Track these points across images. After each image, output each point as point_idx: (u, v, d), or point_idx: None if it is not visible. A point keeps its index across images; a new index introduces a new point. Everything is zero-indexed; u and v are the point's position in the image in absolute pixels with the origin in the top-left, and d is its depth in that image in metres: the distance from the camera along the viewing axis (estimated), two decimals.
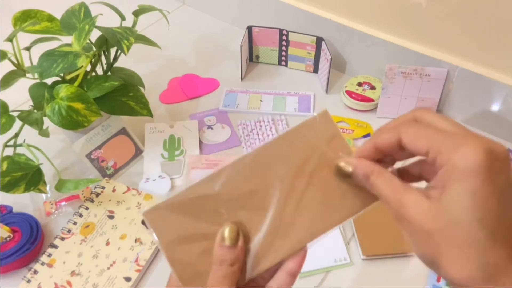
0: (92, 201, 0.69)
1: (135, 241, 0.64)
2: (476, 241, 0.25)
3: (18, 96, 0.79)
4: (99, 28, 0.64)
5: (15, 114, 0.63)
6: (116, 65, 0.74)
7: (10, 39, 0.64)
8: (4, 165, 0.59)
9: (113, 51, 0.72)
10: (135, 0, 0.78)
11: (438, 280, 0.59)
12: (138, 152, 0.77)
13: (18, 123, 0.63)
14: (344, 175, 0.33)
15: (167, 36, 0.94)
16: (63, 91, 0.61)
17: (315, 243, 0.34)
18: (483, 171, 0.25)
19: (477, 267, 0.25)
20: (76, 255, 0.63)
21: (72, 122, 0.61)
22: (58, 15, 0.70)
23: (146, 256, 0.62)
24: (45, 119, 0.63)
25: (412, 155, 0.31)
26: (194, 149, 0.78)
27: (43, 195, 0.71)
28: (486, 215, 0.25)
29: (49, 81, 0.65)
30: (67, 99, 0.60)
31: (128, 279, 0.60)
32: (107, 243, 0.64)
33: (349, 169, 0.33)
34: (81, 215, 0.67)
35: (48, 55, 0.61)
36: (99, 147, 0.73)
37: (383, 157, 0.33)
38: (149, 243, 0.64)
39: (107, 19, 0.69)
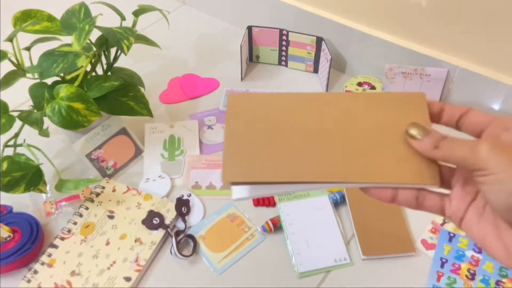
0: (92, 201, 0.69)
1: (135, 241, 0.64)
2: None
3: (18, 96, 0.79)
4: (99, 28, 0.64)
5: (15, 114, 0.63)
6: (116, 65, 0.74)
7: (10, 39, 0.64)
8: (4, 165, 0.59)
9: (113, 51, 0.73)
10: (135, 0, 0.78)
11: (438, 280, 0.59)
12: (138, 152, 0.77)
13: (18, 123, 0.63)
14: (414, 137, 0.33)
15: (167, 36, 0.94)
16: (63, 91, 0.61)
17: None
18: None
19: None
20: (76, 255, 0.63)
21: (72, 122, 0.61)
22: (58, 15, 0.70)
23: (146, 256, 0.62)
24: (45, 119, 0.63)
25: None
26: (194, 149, 0.78)
27: (43, 195, 0.71)
28: None
29: (49, 81, 0.65)
30: (67, 99, 0.60)
31: (128, 279, 0.60)
32: (107, 243, 0.64)
33: (425, 130, 0.32)
34: (81, 215, 0.67)
35: (48, 55, 0.61)
36: (99, 147, 0.73)
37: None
38: (149, 243, 0.64)
39: (107, 19, 0.69)
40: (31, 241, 0.63)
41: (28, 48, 0.69)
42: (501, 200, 0.28)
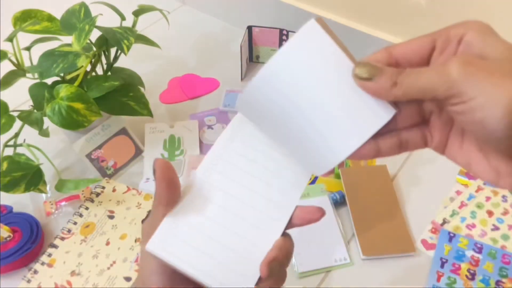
0: (92, 201, 0.69)
1: (135, 241, 0.64)
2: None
3: (18, 96, 0.79)
4: (99, 28, 0.64)
5: (15, 114, 0.63)
6: (116, 65, 0.74)
7: (10, 39, 0.64)
8: (4, 165, 0.59)
9: (113, 51, 0.72)
10: (135, 0, 0.78)
11: (438, 280, 0.59)
12: (138, 152, 0.77)
13: (18, 123, 0.63)
14: (365, 79, 0.27)
15: (167, 36, 0.94)
16: (63, 91, 0.61)
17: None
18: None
19: None
20: (76, 255, 0.63)
21: (72, 122, 0.61)
22: (58, 15, 0.70)
23: None
24: (45, 119, 0.63)
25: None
26: (194, 149, 0.78)
27: (43, 195, 0.71)
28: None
29: (49, 81, 0.65)
30: (67, 99, 0.60)
31: (128, 279, 0.60)
32: (107, 243, 0.64)
33: (375, 67, 0.27)
34: (81, 215, 0.67)
35: (48, 55, 0.61)
36: (99, 147, 0.73)
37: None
38: None
39: (107, 19, 0.69)
40: (31, 241, 0.63)
41: (28, 48, 0.69)
42: (486, 130, 0.24)
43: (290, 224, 0.32)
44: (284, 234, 0.32)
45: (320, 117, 0.28)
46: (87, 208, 0.68)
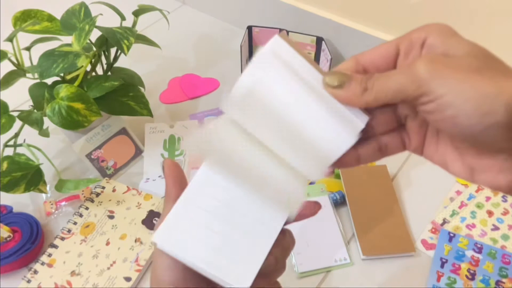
0: (92, 201, 0.69)
1: (135, 241, 0.64)
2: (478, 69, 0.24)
3: (18, 96, 0.79)
4: (99, 28, 0.64)
5: (15, 114, 0.63)
6: (116, 65, 0.74)
7: (10, 39, 0.64)
8: (4, 165, 0.59)
9: (113, 51, 0.72)
10: (135, 0, 0.78)
11: (438, 280, 0.59)
12: (138, 152, 0.77)
13: (18, 123, 0.63)
14: (336, 87, 0.28)
15: (167, 36, 0.94)
16: (63, 91, 0.61)
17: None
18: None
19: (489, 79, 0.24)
20: (76, 255, 0.63)
21: (72, 122, 0.61)
22: (58, 15, 0.70)
23: (146, 256, 0.62)
24: (45, 119, 0.63)
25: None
26: None
27: (43, 195, 0.71)
28: (475, 52, 0.26)
29: (49, 81, 0.65)
30: (67, 99, 0.60)
31: (128, 279, 0.60)
32: (107, 243, 0.64)
33: (345, 75, 0.27)
34: (81, 215, 0.67)
35: (48, 55, 0.61)
36: (99, 147, 0.73)
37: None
38: (149, 243, 0.64)
39: (107, 19, 0.69)
40: (31, 241, 0.63)
41: (28, 48, 0.69)
42: (458, 127, 0.24)
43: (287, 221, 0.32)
44: (283, 230, 0.32)
45: (296, 133, 0.29)
46: (87, 208, 0.68)
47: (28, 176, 0.61)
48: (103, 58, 0.71)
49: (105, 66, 0.73)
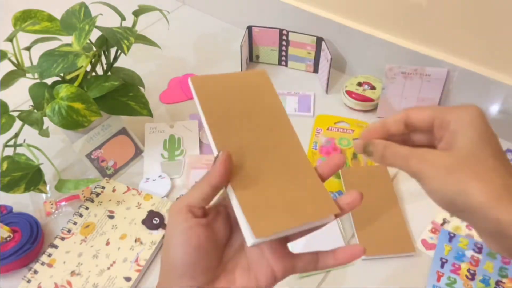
0: (92, 201, 0.69)
1: (135, 241, 0.64)
2: (494, 168, 0.30)
3: (18, 96, 0.79)
4: (99, 28, 0.64)
5: (15, 114, 0.63)
6: (116, 65, 0.74)
7: (10, 39, 0.64)
8: (4, 165, 0.59)
9: (113, 51, 0.72)
10: (135, 0, 0.78)
11: (438, 280, 0.59)
12: (138, 152, 0.77)
13: (18, 123, 0.63)
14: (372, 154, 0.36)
15: (167, 36, 0.94)
16: (63, 91, 0.61)
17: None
18: (484, 120, 0.32)
19: (501, 187, 0.29)
20: (76, 255, 0.63)
21: (72, 122, 0.61)
22: (58, 15, 0.70)
23: (146, 256, 0.62)
24: (45, 119, 0.63)
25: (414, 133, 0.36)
26: (194, 149, 0.78)
27: (43, 195, 0.71)
28: (495, 151, 0.31)
29: (49, 81, 0.65)
30: (67, 99, 0.60)
31: (128, 279, 0.60)
32: (107, 243, 0.64)
33: (370, 148, 0.36)
34: (81, 215, 0.67)
35: (48, 55, 0.61)
36: (99, 147, 0.73)
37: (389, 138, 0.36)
38: (149, 243, 0.64)
39: (107, 19, 0.69)
40: (31, 241, 0.63)
41: (28, 48, 0.69)
42: (439, 200, 0.32)
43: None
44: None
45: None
46: (87, 208, 0.68)
47: (28, 176, 0.61)
48: (103, 58, 0.71)
49: (105, 66, 0.73)
